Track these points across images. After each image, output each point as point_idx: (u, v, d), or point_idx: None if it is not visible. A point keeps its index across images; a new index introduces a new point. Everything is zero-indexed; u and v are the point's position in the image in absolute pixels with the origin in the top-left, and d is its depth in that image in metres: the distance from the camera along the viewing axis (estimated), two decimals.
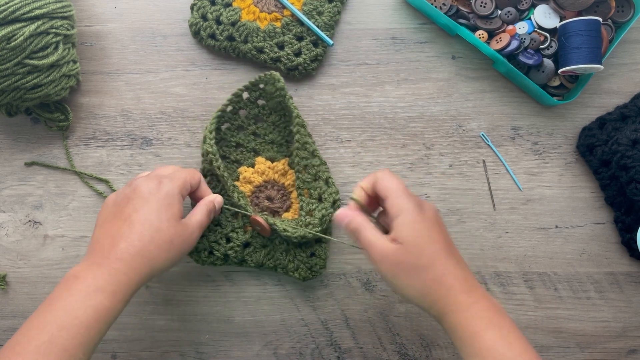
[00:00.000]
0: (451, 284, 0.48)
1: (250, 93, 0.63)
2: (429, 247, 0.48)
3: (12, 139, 0.67)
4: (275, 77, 0.60)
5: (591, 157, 0.64)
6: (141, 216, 0.51)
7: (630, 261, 0.64)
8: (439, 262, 0.48)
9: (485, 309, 0.47)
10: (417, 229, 0.48)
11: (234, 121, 0.64)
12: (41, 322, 0.46)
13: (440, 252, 0.48)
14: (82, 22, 0.67)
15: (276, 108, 0.63)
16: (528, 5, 0.63)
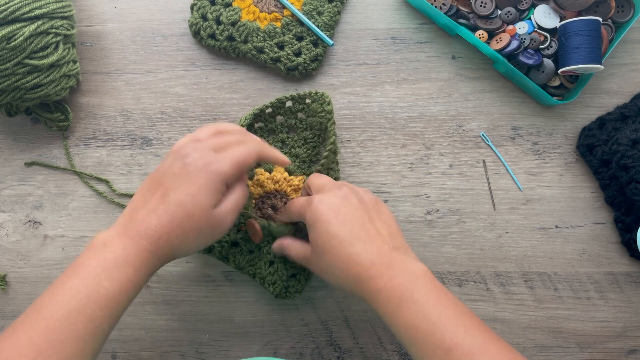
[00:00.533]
0: (357, 274, 0.48)
1: (294, 104, 0.63)
2: (329, 244, 0.50)
3: (12, 139, 0.67)
4: (326, 98, 0.60)
5: (591, 157, 0.64)
6: (178, 196, 0.48)
7: (631, 261, 0.64)
8: (341, 255, 0.49)
9: (393, 289, 0.47)
10: (315, 232, 0.51)
11: (269, 124, 0.64)
12: (72, 287, 0.45)
13: (340, 245, 0.49)
14: (82, 22, 0.67)
15: (313, 125, 0.63)
16: (528, 5, 0.63)
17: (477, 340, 0.44)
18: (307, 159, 0.64)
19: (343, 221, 0.50)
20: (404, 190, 0.65)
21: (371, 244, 0.49)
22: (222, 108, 0.66)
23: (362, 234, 0.50)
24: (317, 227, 0.50)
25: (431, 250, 0.64)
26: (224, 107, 0.66)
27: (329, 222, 0.50)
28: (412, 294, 0.46)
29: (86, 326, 0.44)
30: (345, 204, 0.51)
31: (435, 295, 0.46)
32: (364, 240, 0.49)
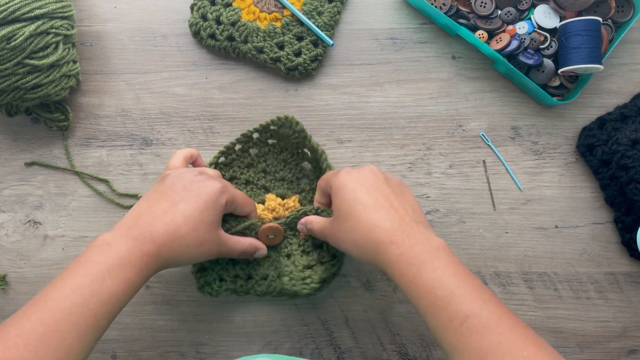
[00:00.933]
0: (379, 238, 0.49)
1: (261, 134, 0.63)
2: (353, 209, 0.51)
3: (12, 139, 0.67)
4: (292, 121, 0.59)
5: (591, 157, 0.64)
6: (187, 209, 0.51)
7: (630, 261, 0.64)
8: (363, 220, 0.50)
9: (413, 256, 0.47)
10: (340, 198, 0.52)
11: (244, 159, 0.64)
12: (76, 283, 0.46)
13: (364, 210, 0.50)
14: (82, 22, 0.67)
15: (287, 146, 0.63)
16: (528, 5, 0.63)
17: (494, 312, 0.44)
18: (293, 179, 0.64)
19: (368, 190, 0.51)
20: None
21: (394, 213, 0.50)
22: (222, 108, 0.66)
23: (386, 204, 0.50)
24: (343, 193, 0.51)
25: None
26: (224, 107, 0.66)
27: (355, 189, 0.51)
28: (432, 262, 0.47)
29: (88, 321, 0.45)
30: (371, 177, 0.52)
31: (454, 267, 0.47)
32: (387, 210, 0.50)
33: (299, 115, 0.66)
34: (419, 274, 0.47)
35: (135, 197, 0.65)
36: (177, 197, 0.52)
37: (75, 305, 0.45)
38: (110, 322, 0.48)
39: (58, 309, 0.45)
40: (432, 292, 0.46)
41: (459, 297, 0.45)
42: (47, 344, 0.43)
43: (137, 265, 0.48)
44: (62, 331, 0.44)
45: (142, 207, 0.52)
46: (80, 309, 0.45)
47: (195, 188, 0.52)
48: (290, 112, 0.66)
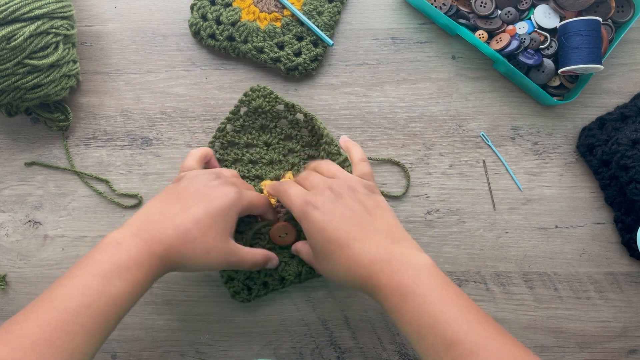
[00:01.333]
0: (359, 274, 0.49)
1: (234, 121, 0.63)
2: (328, 249, 0.50)
3: (12, 139, 0.67)
4: (260, 88, 0.60)
5: (591, 157, 0.64)
6: (198, 213, 0.51)
7: (630, 261, 0.64)
8: (341, 258, 0.49)
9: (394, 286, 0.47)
10: (311, 238, 0.51)
11: (227, 156, 0.64)
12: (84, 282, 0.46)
13: (339, 249, 0.49)
14: (82, 22, 0.67)
15: (263, 127, 0.63)
16: (528, 5, 0.63)
17: (478, 336, 0.43)
18: (281, 157, 0.64)
19: (339, 224, 0.50)
20: (403, 190, 0.65)
21: (369, 241, 0.49)
22: (222, 108, 0.66)
23: (359, 234, 0.49)
24: (314, 235, 0.51)
25: (431, 250, 0.64)
26: (224, 107, 0.66)
27: (325, 229, 0.50)
28: (414, 290, 0.46)
29: (94, 321, 0.44)
30: (338, 205, 0.51)
31: (438, 290, 0.46)
32: (362, 240, 0.49)
33: None
34: (402, 303, 0.46)
35: (135, 197, 0.65)
36: (190, 200, 0.51)
37: (82, 306, 0.44)
38: (117, 323, 0.47)
39: (65, 309, 0.44)
40: (416, 320, 0.45)
41: (443, 324, 0.44)
42: (53, 344, 0.42)
43: (145, 267, 0.48)
44: (68, 332, 0.43)
45: (154, 208, 0.52)
46: (87, 309, 0.44)
47: (209, 192, 0.52)
48: None
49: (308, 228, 0.51)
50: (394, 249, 0.48)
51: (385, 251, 0.48)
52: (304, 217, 0.51)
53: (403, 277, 0.46)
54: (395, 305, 0.46)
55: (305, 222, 0.51)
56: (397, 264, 0.47)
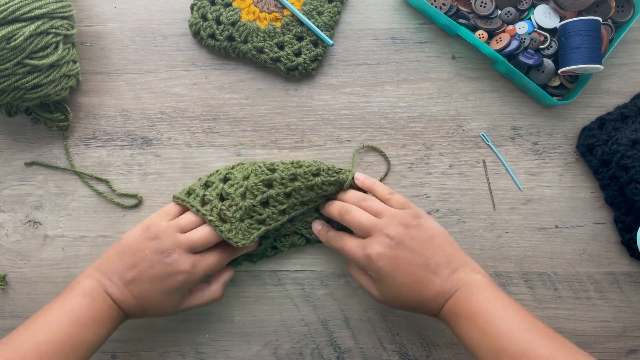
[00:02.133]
0: (424, 306, 0.54)
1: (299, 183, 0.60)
2: (399, 292, 0.54)
3: (12, 139, 0.67)
4: (347, 176, 0.61)
5: (591, 157, 0.64)
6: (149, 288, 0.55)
7: (630, 261, 0.64)
8: (409, 298, 0.54)
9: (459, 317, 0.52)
10: (382, 284, 0.55)
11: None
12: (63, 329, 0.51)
13: (409, 293, 0.54)
14: (82, 22, 0.67)
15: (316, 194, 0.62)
16: (528, 5, 0.63)
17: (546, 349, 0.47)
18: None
19: (405, 273, 0.53)
20: (404, 190, 0.65)
21: (433, 277, 0.53)
22: (222, 108, 0.66)
23: (425, 275, 0.53)
24: (384, 282, 0.54)
25: None
26: (224, 107, 0.66)
27: (394, 278, 0.53)
28: (478, 312, 0.51)
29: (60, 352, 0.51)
30: (399, 253, 0.54)
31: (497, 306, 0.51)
32: (428, 280, 0.53)
33: (299, 115, 0.66)
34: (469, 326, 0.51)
35: (135, 197, 0.65)
36: (145, 270, 0.54)
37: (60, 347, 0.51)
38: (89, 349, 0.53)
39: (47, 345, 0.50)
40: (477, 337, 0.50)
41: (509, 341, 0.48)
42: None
43: (106, 326, 0.54)
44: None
45: (111, 261, 0.56)
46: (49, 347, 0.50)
47: (163, 270, 0.54)
48: (290, 112, 0.66)
49: (376, 274, 0.54)
50: (453, 279, 0.53)
51: (447, 282, 0.53)
52: (370, 267, 0.54)
53: (461, 301, 0.52)
54: (458, 326, 0.52)
55: (372, 271, 0.55)
56: (456, 288, 0.53)
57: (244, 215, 0.58)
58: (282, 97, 0.66)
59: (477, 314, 0.50)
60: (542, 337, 0.48)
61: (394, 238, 0.54)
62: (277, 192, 0.59)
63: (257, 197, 0.58)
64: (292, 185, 0.59)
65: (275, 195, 0.59)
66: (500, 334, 0.48)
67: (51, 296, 0.64)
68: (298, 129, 0.66)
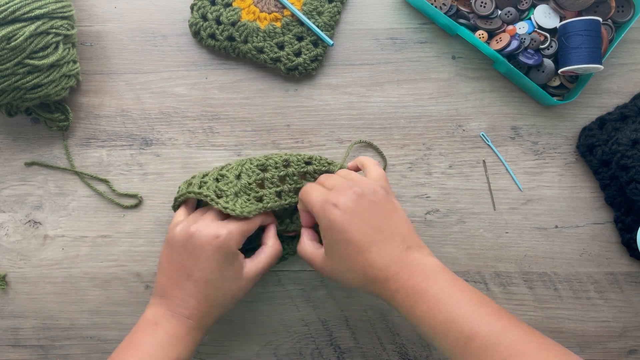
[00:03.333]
0: (375, 276, 0.50)
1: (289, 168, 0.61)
2: (346, 251, 0.50)
3: (12, 139, 0.67)
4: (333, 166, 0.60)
5: (591, 157, 0.64)
6: (203, 275, 0.53)
7: (630, 261, 0.64)
8: (358, 261, 0.50)
9: (409, 287, 0.48)
10: (331, 238, 0.51)
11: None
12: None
13: (358, 252, 0.50)
14: (82, 22, 0.67)
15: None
16: (528, 5, 0.63)
17: (495, 327, 0.45)
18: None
19: (359, 226, 0.50)
20: (404, 190, 0.65)
21: (386, 245, 0.50)
22: (222, 108, 0.66)
23: (377, 237, 0.50)
24: (333, 234, 0.51)
25: (431, 250, 0.64)
26: (224, 107, 0.66)
27: (345, 229, 0.50)
28: (428, 290, 0.47)
29: None
30: (359, 206, 0.51)
31: (451, 288, 0.48)
32: (380, 243, 0.50)
33: (299, 115, 0.66)
34: (417, 303, 0.47)
35: (135, 197, 0.65)
36: (189, 263, 0.53)
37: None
38: None
39: None
40: (433, 319, 0.47)
41: (458, 319, 0.45)
42: None
43: (186, 342, 0.52)
44: None
45: (163, 280, 0.55)
46: None
47: (196, 246, 0.53)
48: (290, 112, 0.66)
49: (327, 226, 0.51)
50: (408, 254, 0.50)
51: (400, 256, 0.50)
52: (324, 214, 0.51)
53: (417, 280, 0.48)
54: (411, 307, 0.48)
55: (324, 220, 0.51)
56: (411, 268, 0.49)
57: (240, 192, 0.58)
58: (282, 97, 0.66)
59: (440, 298, 0.47)
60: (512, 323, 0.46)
61: (357, 192, 0.51)
62: (272, 175, 0.59)
63: (252, 177, 0.59)
64: (286, 171, 0.60)
65: (270, 178, 0.59)
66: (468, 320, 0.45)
67: (51, 296, 0.65)
68: (298, 129, 0.66)
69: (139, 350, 0.50)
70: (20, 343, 0.65)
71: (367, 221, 0.50)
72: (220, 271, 0.53)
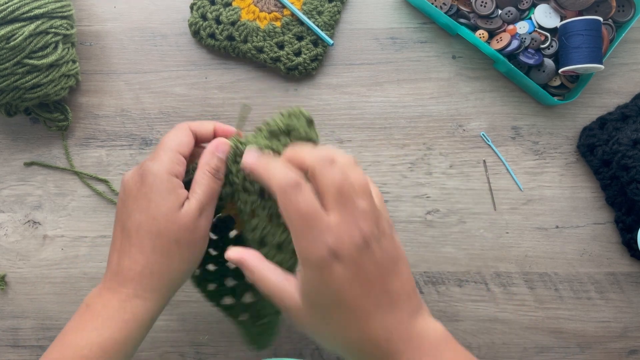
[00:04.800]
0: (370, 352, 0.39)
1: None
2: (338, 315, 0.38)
3: (12, 139, 0.67)
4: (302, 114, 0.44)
5: (592, 157, 0.64)
6: (135, 221, 0.43)
7: (631, 261, 0.64)
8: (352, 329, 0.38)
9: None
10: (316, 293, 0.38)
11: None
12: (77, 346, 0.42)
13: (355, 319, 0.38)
14: (82, 21, 0.67)
15: None
16: (528, 5, 0.63)
17: None
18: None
19: (362, 289, 0.38)
20: (404, 190, 0.65)
21: (390, 314, 0.39)
22: (222, 108, 0.66)
23: (381, 302, 0.38)
24: (324, 292, 0.38)
25: (431, 251, 0.64)
26: (224, 107, 0.66)
27: (342, 290, 0.37)
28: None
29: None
30: (366, 258, 0.37)
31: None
32: (383, 311, 0.38)
33: None
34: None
35: None
36: (122, 216, 0.44)
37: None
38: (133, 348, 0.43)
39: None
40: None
41: None
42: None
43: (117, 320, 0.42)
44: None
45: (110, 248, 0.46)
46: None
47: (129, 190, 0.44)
48: None
49: (317, 281, 0.37)
50: (413, 325, 0.40)
51: (405, 329, 0.39)
52: (322, 268, 0.37)
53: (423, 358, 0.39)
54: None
55: (318, 273, 0.37)
56: (416, 343, 0.39)
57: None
58: (282, 97, 0.66)
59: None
60: None
61: (366, 238, 0.37)
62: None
63: None
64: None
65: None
66: None
67: (51, 296, 0.64)
68: None
69: (64, 342, 0.42)
70: (20, 343, 0.65)
71: (372, 282, 0.38)
72: (148, 209, 0.42)
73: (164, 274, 0.43)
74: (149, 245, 0.42)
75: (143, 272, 0.42)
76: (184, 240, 0.42)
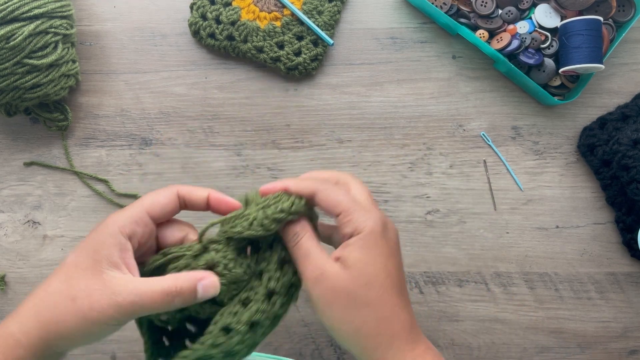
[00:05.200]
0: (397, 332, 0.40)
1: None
2: (380, 280, 0.39)
3: (11, 139, 0.67)
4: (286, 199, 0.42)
5: (592, 157, 0.64)
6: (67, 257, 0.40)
7: (631, 261, 0.64)
8: (387, 300, 0.40)
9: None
10: (372, 255, 0.40)
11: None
12: None
13: (391, 289, 0.40)
14: (82, 21, 0.67)
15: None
16: (529, 5, 0.63)
17: None
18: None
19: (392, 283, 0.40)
20: (404, 190, 0.65)
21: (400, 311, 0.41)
22: (222, 108, 0.66)
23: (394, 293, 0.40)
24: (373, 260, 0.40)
25: (432, 251, 0.64)
26: (224, 107, 0.66)
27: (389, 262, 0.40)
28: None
29: None
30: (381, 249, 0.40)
31: None
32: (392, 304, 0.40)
33: (299, 114, 0.66)
34: None
35: (135, 197, 0.65)
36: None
37: None
38: None
39: None
40: None
41: None
42: None
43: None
44: None
45: None
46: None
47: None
48: (290, 111, 0.66)
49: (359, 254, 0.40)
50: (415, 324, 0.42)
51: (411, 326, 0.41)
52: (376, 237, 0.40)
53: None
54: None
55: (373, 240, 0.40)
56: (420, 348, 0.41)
57: None
58: (282, 97, 0.66)
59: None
60: None
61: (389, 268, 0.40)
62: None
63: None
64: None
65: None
66: None
67: None
68: (298, 129, 0.66)
69: None
70: None
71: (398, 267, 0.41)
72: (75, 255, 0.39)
73: (47, 324, 0.38)
74: (50, 285, 0.39)
75: (29, 313, 0.38)
76: (80, 301, 0.37)
